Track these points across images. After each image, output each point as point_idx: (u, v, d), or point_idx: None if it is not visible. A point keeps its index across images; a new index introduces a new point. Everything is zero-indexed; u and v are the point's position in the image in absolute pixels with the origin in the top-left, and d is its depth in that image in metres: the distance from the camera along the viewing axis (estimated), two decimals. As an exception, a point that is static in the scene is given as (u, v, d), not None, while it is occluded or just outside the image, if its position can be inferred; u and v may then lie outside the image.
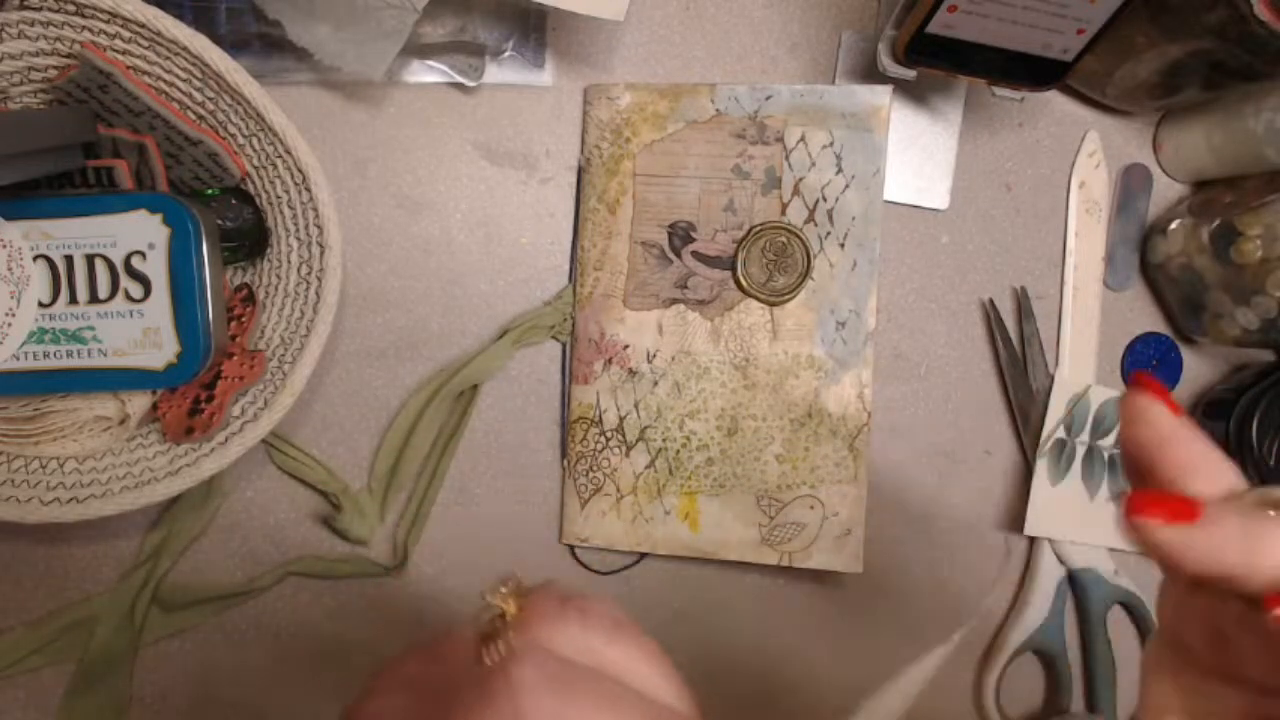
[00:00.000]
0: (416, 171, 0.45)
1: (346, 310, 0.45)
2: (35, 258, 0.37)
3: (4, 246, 0.37)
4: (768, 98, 0.45)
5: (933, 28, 0.40)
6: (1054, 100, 0.51)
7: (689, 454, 0.46)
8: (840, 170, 0.46)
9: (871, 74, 0.46)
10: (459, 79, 0.44)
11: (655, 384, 0.46)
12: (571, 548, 0.47)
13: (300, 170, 0.38)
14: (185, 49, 0.36)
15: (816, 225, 0.46)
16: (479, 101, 0.45)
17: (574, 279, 0.46)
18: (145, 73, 0.38)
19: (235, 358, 0.39)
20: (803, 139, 0.46)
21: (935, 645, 0.44)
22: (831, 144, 0.46)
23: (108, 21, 0.36)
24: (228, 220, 0.39)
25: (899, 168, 0.49)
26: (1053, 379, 0.50)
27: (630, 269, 0.46)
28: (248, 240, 0.40)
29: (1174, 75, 0.45)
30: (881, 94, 0.45)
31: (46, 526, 0.39)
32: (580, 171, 0.46)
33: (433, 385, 0.45)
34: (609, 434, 0.46)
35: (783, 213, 0.46)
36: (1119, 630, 0.52)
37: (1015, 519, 0.50)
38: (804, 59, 0.48)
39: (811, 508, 0.46)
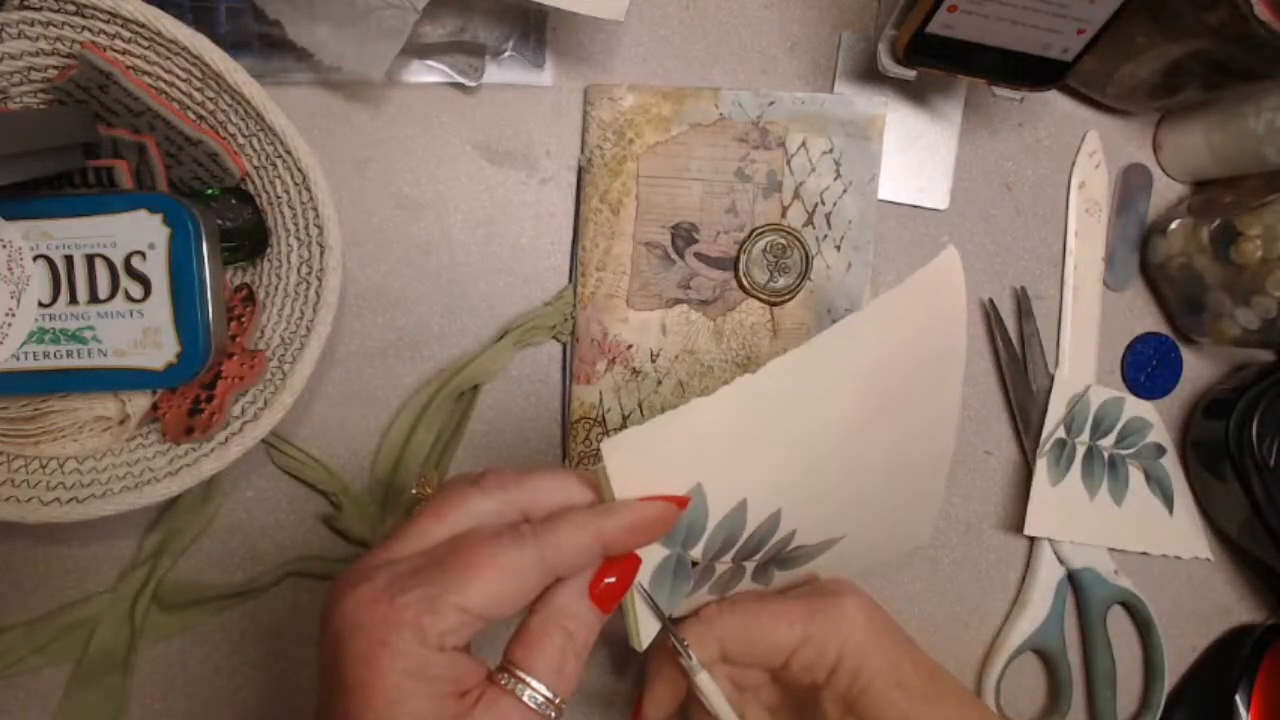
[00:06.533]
0: (416, 171, 0.45)
1: (346, 310, 0.45)
2: (35, 258, 0.37)
3: (4, 246, 0.37)
4: (770, 104, 0.46)
5: (933, 28, 0.40)
6: (1054, 100, 0.51)
7: (689, 454, 0.46)
8: (839, 175, 0.46)
9: (871, 74, 0.46)
10: (459, 79, 0.44)
11: (659, 383, 0.46)
12: (572, 548, 0.47)
13: (300, 170, 0.38)
14: (185, 49, 0.36)
15: (815, 228, 0.46)
16: (479, 101, 0.45)
17: (574, 279, 0.46)
18: (145, 73, 0.38)
19: (235, 358, 0.39)
20: (804, 145, 0.46)
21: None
22: (831, 150, 0.46)
23: (108, 21, 0.36)
24: (228, 220, 0.39)
25: (899, 168, 0.49)
26: (1053, 379, 0.50)
27: (634, 269, 0.46)
28: (248, 240, 0.40)
29: (1174, 75, 0.45)
30: (879, 104, 0.46)
31: (46, 526, 0.39)
32: (580, 171, 0.46)
33: (433, 385, 0.45)
34: (612, 433, 0.46)
35: (783, 215, 0.46)
36: (1119, 630, 0.52)
37: (1015, 519, 0.50)
38: (804, 59, 0.48)
39: (812, 508, 0.46)
